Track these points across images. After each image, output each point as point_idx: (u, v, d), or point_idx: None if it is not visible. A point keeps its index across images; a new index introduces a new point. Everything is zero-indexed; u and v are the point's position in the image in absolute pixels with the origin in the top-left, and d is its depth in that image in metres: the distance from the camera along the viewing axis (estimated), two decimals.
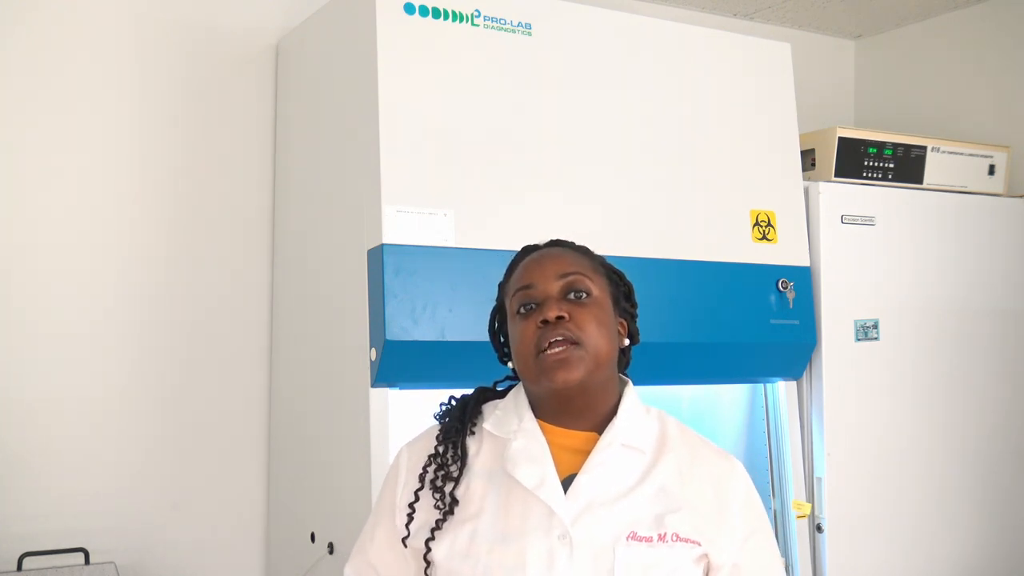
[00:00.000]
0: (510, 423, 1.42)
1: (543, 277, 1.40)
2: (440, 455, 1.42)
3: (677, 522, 1.35)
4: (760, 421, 2.66)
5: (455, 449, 1.42)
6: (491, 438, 1.43)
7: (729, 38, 2.61)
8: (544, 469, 1.36)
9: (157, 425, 2.56)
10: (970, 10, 3.38)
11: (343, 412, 2.24)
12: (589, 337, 1.36)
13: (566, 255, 1.45)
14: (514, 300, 1.42)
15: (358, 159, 2.19)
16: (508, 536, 1.34)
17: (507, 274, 1.50)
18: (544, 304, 1.38)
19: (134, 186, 2.56)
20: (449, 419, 1.46)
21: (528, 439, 1.39)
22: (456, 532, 1.36)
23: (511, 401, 1.46)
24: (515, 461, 1.38)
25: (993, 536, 2.89)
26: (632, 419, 1.42)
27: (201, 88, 2.64)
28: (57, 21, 2.49)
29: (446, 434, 1.44)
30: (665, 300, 2.35)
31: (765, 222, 2.54)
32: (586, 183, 2.32)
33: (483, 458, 1.42)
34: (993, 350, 2.90)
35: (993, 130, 3.24)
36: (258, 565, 2.67)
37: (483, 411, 1.48)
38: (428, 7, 2.19)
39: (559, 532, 1.32)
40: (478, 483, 1.40)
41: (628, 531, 1.33)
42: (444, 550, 1.36)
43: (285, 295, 2.61)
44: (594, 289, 1.41)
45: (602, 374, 1.39)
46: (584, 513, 1.34)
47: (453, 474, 1.40)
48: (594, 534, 1.33)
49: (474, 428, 1.45)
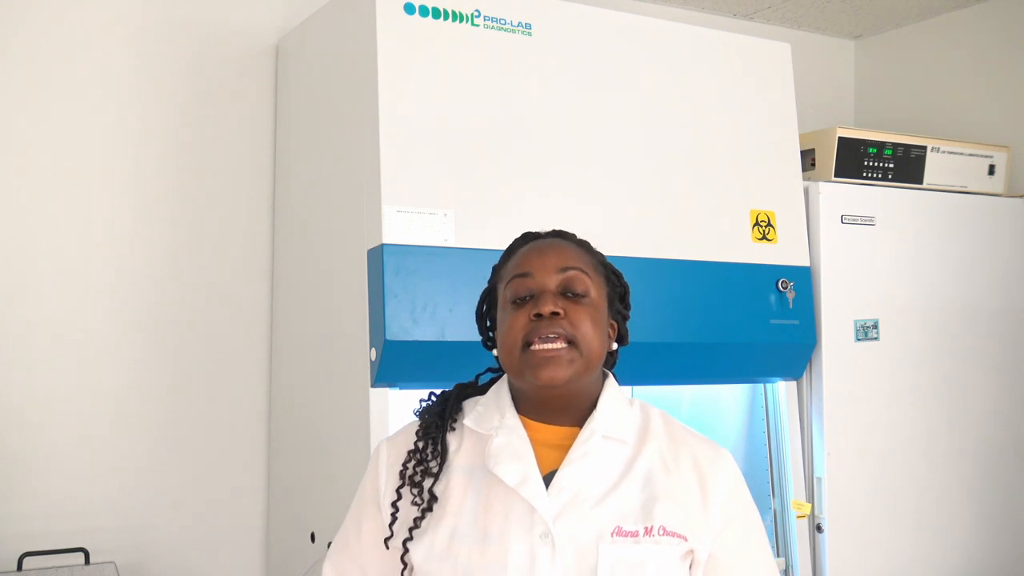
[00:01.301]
0: (491, 419, 1.38)
1: (542, 268, 1.36)
2: (420, 451, 1.38)
3: (664, 513, 1.32)
4: (760, 421, 2.66)
5: (435, 445, 1.38)
6: (472, 434, 1.40)
7: (729, 38, 2.61)
8: (526, 466, 1.33)
9: (157, 425, 2.56)
10: (970, 10, 3.38)
11: (343, 412, 2.24)
12: (583, 337, 1.32)
13: (569, 249, 1.40)
14: (509, 287, 1.38)
15: (358, 159, 2.19)
16: (488, 535, 1.30)
17: (503, 258, 1.45)
18: (540, 297, 1.34)
19: (134, 186, 2.56)
20: (429, 415, 1.43)
21: (510, 435, 1.36)
22: (435, 531, 1.33)
23: (492, 397, 1.42)
24: (496, 458, 1.34)
25: (993, 536, 2.89)
26: (613, 410, 1.38)
27: (201, 88, 2.64)
28: (58, 21, 2.49)
29: (426, 430, 1.40)
30: (665, 300, 2.35)
31: (765, 222, 2.54)
32: (586, 183, 2.32)
33: (464, 455, 1.38)
34: (993, 350, 2.90)
35: (993, 130, 3.24)
36: (258, 565, 2.67)
37: (464, 407, 1.44)
38: (428, 7, 2.19)
39: (541, 531, 1.29)
40: (458, 480, 1.36)
41: (613, 527, 1.30)
42: (423, 550, 1.33)
43: (285, 295, 2.61)
44: (592, 289, 1.37)
45: (589, 376, 1.36)
46: (566, 510, 1.30)
47: (433, 470, 1.37)
48: (577, 532, 1.29)
49: (455, 424, 1.42)
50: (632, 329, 1.49)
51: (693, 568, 1.35)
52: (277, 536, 2.62)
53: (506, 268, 1.42)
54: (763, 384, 2.65)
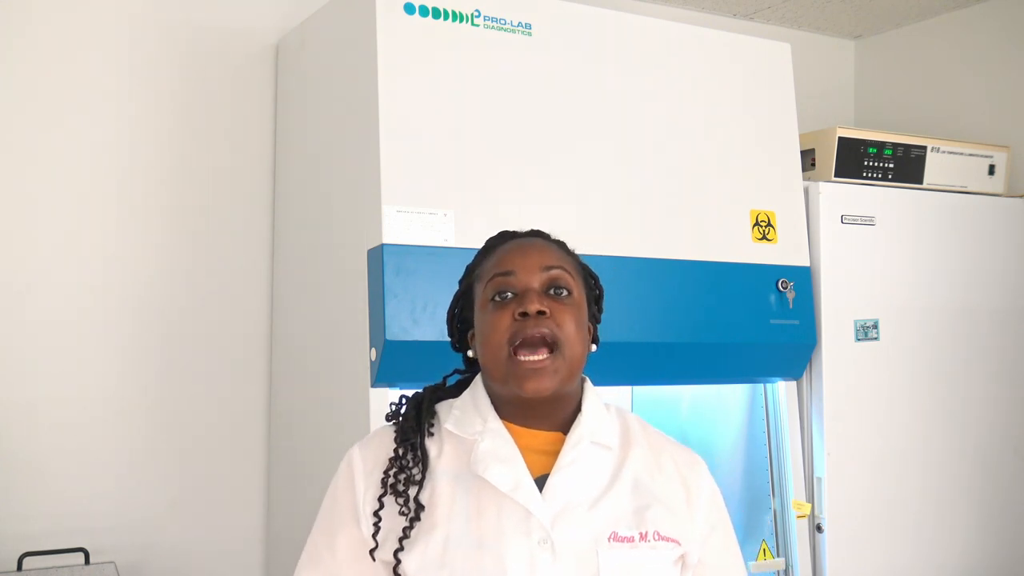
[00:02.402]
0: (473, 423, 1.34)
1: (525, 267, 1.33)
2: (401, 457, 1.33)
3: (656, 518, 1.31)
4: (760, 421, 2.66)
5: (415, 451, 1.33)
6: (452, 439, 1.35)
7: (729, 38, 2.61)
8: (517, 470, 1.30)
9: (157, 425, 2.56)
10: (970, 10, 3.38)
11: (343, 412, 2.24)
12: (567, 337, 1.30)
13: (550, 248, 1.38)
14: (489, 286, 1.34)
15: (358, 159, 2.19)
16: (484, 541, 1.27)
17: (479, 257, 1.41)
18: (524, 296, 1.31)
19: (134, 186, 2.56)
20: (404, 419, 1.38)
21: (495, 440, 1.32)
22: (427, 540, 1.28)
23: (469, 400, 1.38)
24: (485, 463, 1.30)
25: (993, 536, 2.89)
26: (596, 416, 1.37)
27: (201, 88, 2.64)
28: (57, 21, 2.49)
29: (403, 435, 1.35)
30: (665, 300, 2.35)
31: (765, 222, 2.54)
32: (586, 182, 2.32)
33: (446, 460, 1.34)
34: (993, 350, 2.90)
35: (993, 130, 3.23)
36: (258, 565, 2.67)
37: (437, 411, 1.40)
38: (428, 7, 2.19)
39: (539, 536, 1.26)
40: (444, 486, 1.31)
41: (609, 532, 1.29)
42: (416, 560, 1.27)
43: (285, 295, 2.61)
44: (574, 288, 1.35)
45: (573, 382, 1.33)
46: (562, 515, 1.28)
47: (416, 477, 1.32)
48: (575, 537, 1.27)
49: (432, 428, 1.37)
50: (633, 329, 1.50)
51: (683, 572, 1.36)
52: (277, 536, 2.62)
53: (484, 267, 1.38)
54: (763, 384, 2.65)
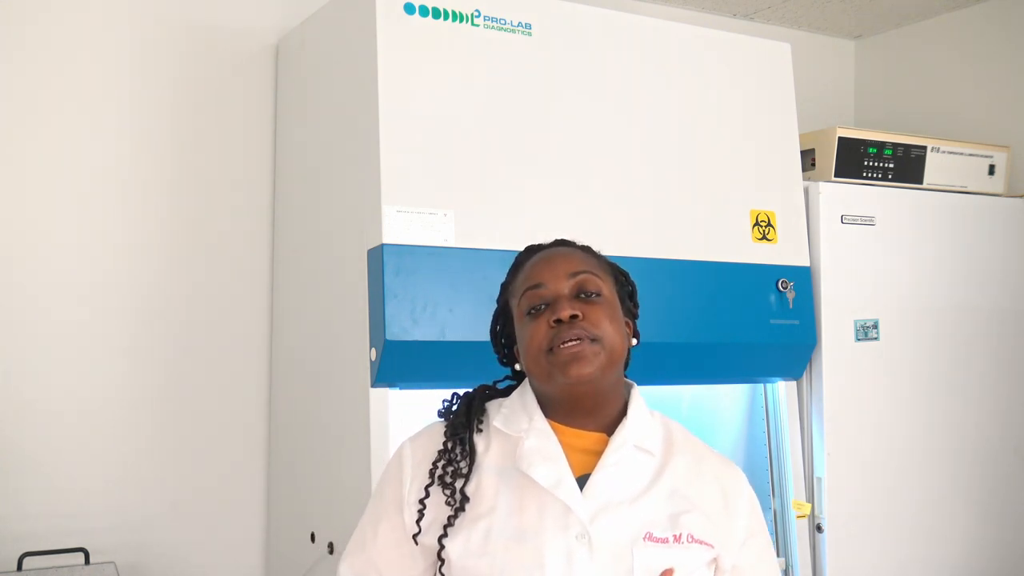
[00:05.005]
0: (519, 421, 1.41)
1: (553, 276, 1.39)
2: (450, 451, 1.40)
3: (691, 523, 1.36)
4: (760, 421, 2.66)
5: (463, 445, 1.40)
6: (500, 436, 1.42)
7: (729, 38, 2.61)
8: (559, 468, 1.35)
9: (157, 425, 2.56)
10: (970, 10, 3.39)
11: (343, 412, 2.24)
12: (605, 334, 1.35)
13: (574, 254, 1.44)
14: (523, 301, 1.40)
15: (358, 159, 2.19)
16: (524, 534, 1.32)
17: (511, 274, 1.48)
18: (556, 303, 1.37)
19: (134, 186, 2.56)
20: (455, 415, 1.44)
21: (540, 438, 1.38)
22: (470, 529, 1.34)
23: (517, 400, 1.44)
24: (529, 460, 1.36)
25: (993, 536, 2.89)
26: (641, 421, 1.42)
27: (201, 88, 2.64)
28: (57, 21, 2.49)
29: (454, 430, 1.42)
30: (665, 300, 2.35)
31: (765, 222, 2.54)
32: (586, 183, 2.32)
33: (492, 455, 1.40)
34: (993, 350, 2.90)
35: (993, 130, 3.23)
36: (258, 565, 2.67)
37: (487, 408, 1.46)
38: (428, 7, 2.19)
39: (577, 531, 1.32)
40: (489, 480, 1.38)
41: (644, 532, 1.33)
42: (459, 548, 1.34)
43: (285, 295, 2.61)
44: (604, 288, 1.40)
45: (614, 372, 1.39)
46: (601, 513, 1.33)
47: (463, 470, 1.38)
48: (612, 534, 1.32)
49: (480, 425, 1.43)
50: None
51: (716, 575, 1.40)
52: (277, 536, 2.62)
53: (516, 283, 1.44)
54: (763, 384, 2.65)
